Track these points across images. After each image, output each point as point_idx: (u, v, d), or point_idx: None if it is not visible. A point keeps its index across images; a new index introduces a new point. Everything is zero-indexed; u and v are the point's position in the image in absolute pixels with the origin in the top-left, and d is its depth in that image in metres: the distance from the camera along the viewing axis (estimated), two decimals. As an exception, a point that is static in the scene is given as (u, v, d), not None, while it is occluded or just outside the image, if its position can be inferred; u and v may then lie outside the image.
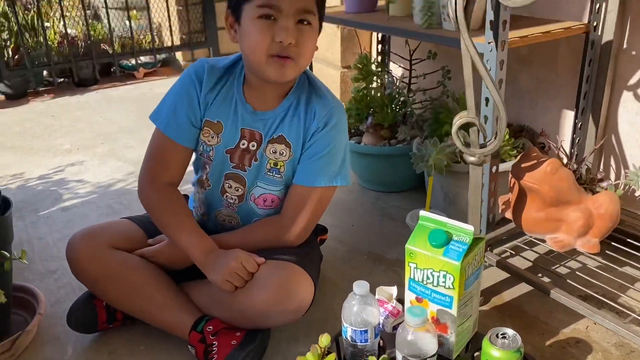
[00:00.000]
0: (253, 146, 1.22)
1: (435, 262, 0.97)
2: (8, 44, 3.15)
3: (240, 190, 1.25)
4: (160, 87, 3.35)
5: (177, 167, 1.25)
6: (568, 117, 1.63)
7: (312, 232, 1.33)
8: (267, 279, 1.10)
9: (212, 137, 1.22)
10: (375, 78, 1.97)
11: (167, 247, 1.24)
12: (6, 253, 1.00)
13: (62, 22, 3.24)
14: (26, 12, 3.39)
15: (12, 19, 3.14)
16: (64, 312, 1.28)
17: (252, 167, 1.23)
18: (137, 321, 1.24)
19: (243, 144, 1.22)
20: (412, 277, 1.02)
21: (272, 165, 1.22)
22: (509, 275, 1.33)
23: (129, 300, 1.20)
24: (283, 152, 1.21)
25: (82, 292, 1.28)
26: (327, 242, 1.53)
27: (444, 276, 0.96)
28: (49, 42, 3.19)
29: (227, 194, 1.26)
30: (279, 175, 1.23)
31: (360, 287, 1.00)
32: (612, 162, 1.57)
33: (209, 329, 1.14)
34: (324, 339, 0.94)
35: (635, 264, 1.26)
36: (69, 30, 3.29)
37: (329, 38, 2.36)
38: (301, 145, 1.21)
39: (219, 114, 1.21)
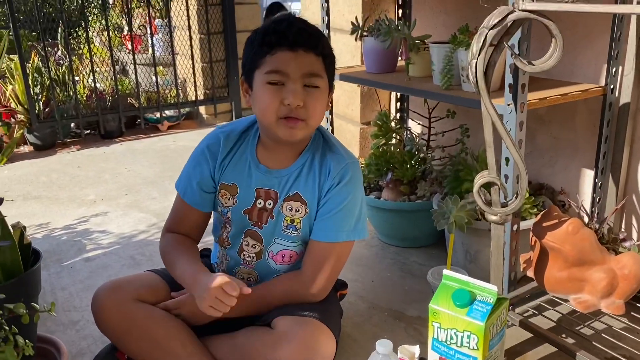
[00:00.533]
0: (269, 204, 1.25)
1: (459, 322, 0.97)
2: (40, 97, 3.28)
3: (257, 247, 1.27)
4: (182, 140, 3.44)
5: (194, 228, 1.33)
6: (588, 176, 1.64)
7: (332, 288, 1.33)
8: (290, 335, 1.10)
9: (229, 199, 1.27)
10: (394, 135, 2.01)
11: (190, 299, 1.25)
12: (36, 305, 1.02)
13: (91, 77, 3.38)
14: (58, 67, 3.55)
15: (45, 74, 3.28)
16: (85, 364, 1.29)
17: (269, 224, 1.25)
18: (158, 375, 1.24)
19: (259, 203, 1.25)
20: (435, 336, 1.01)
21: (288, 222, 1.25)
22: (532, 335, 1.31)
23: (151, 354, 1.20)
24: (299, 209, 1.24)
25: (104, 344, 1.30)
26: (348, 298, 1.53)
27: (468, 336, 0.96)
28: (78, 96, 3.32)
29: (245, 252, 1.29)
30: (296, 232, 1.25)
31: (383, 346, 1.00)
32: (634, 222, 1.56)
33: (231, 385, 1.13)
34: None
35: (662, 327, 1.24)
36: (97, 85, 3.42)
37: (349, 95, 2.43)
38: (316, 202, 1.24)
39: (234, 177, 1.26)
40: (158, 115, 3.60)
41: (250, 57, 1.18)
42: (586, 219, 1.42)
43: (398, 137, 2.04)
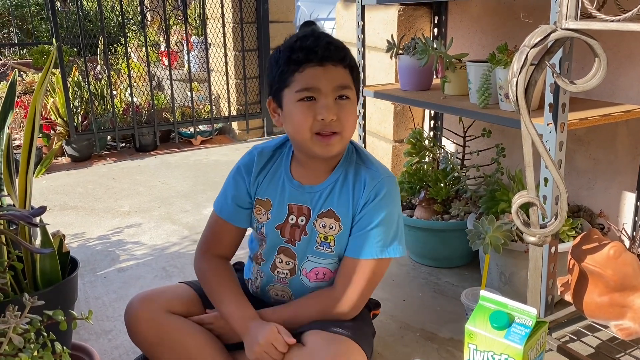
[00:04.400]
0: (302, 221, 1.24)
1: (497, 344, 0.94)
2: (79, 110, 3.37)
3: (291, 264, 1.26)
4: (215, 154, 3.48)
5: (229, 244, 1.32)
6: (628, 199, 1.60)
7: (365, 307, 1.32)
8: (323, 353, 1.09)
9: (263, 215, 1.27)
10: (428, 153, 2.00)
11: (222, 319, 1.25)
12: (74, 313, 1.04)
13: (128, 92, 3.46)
14: (97, 81, 3.65)
15: (84, 88, 3.37)
16: (117, 373, 1.31)
17: (302, 241, 1.24)
18: (188, 388, 1.24)
19: (292, 219, 1.25)
20: (471, 358, 0.99)
21: (322, 239, 1.23)
22: (570, 361, 1.27)
23: (182, 367, 1.20)
24: (333, 226, 1.23)
25: (136, 355, 1.31)
26: (379, 317, 1.51)
27: (506, 360, 0.94)
28: (115, 110, 3.40)
29: (278, 269, 1.28)
30: (330, 249, 1.24)
31: (417, 366, 0.98)
32: (678, 247, 1.51)
33: (260, 401, 1.13)
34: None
35: None
36: (134, 99, 3.50)
37: (382, 112, 2.43)
38: (351, 218, 1.22)
39: (268, 192, 1.26)
40: (192, 129, 3.66)
41: (277, 76, 1.17)
42: (627, 243, 1.38)
43: (432, 155, 2.02)
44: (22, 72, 4.43)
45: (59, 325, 1.00)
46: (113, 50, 4.90)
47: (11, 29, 6.19)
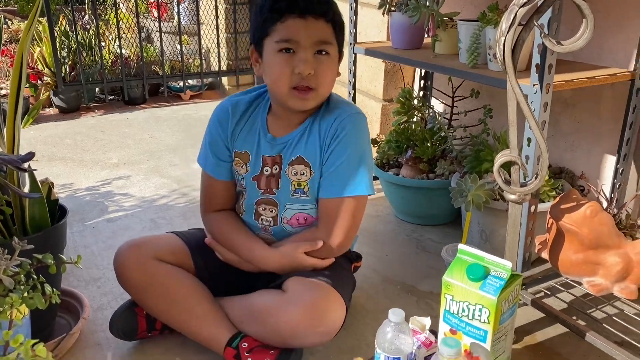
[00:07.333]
0: (276, 169, 1.27)
1: (472, 295, 0.98)
2: (66, 60, 3.32)
3: (274, 211, 1.29)
4: (204, 109, 3.46)
5: (223, 197, 1.35)
6: (609, 162, 1.63)
7: (347, 259, 1.36)
8: (302, 297, 1.13)
9: (242, 167, 1.30)
10: (416, 112, 2.01)
11: None
12: (63, 257, 1.06)
13: (117, 43, 3.40)
14: (85, 32, 3.58)
15: (72, 37, 3.31)
16: (105, 318, 1.35)
17: (280, 188, 1.27)
18: (174, 332, 1.29)
19: (266, 171, 1.27)
20: (447, 308, 1.03)
21: (296, 186, 1.26)
22: (544, 315, 1.33)
23: (169, 311, 1.24)
24: (304, 172, 1.24)
25: (124, 301, 1.34)
26: (362, 270, 1.55)
27: (480, 310, 0.98)
28: (103, 61, 3.35)
29: (262, 216, 1.30)
30: (305, 195, 1.26)
31: (395, 314, 1.02)
32: (654, 210, 1.56)
33: (244, 345, 1.17)
34: (358, 363, 0.96)
35: (674, 314, 1.25)
36: (122, 51, 3.45)
37: (373, 71, 2.42)
38: (319, 161, 1.23)
39: (245, 144, 1.29)
40: (181, 84, 3.62)
41: (260, 25, 1.17)
42: (605, 204, 1.42)
43: (420, 115, 2.04)
44: (7, 20, 4.33)
45: (49, 269, 1.03)
46: (101, 0, 4.78)
47: (-5, -26, 6.00)
